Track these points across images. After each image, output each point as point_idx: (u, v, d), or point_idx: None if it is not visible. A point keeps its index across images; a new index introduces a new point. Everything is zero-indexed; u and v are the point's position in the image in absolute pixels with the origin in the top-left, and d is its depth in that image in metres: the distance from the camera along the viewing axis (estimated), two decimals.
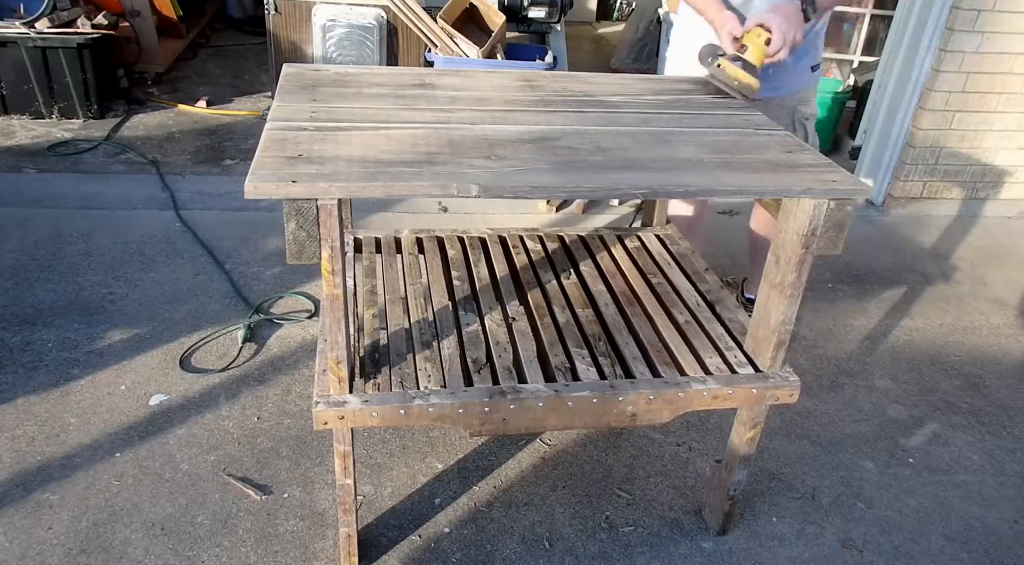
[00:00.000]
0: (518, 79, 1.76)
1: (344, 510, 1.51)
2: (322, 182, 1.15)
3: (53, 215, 2.84)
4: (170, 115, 3.93)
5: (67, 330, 2.25)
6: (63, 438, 1.89)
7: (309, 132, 1.33)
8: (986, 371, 2.43)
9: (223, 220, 2.90)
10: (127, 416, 1.97)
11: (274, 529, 1.70)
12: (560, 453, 1.98)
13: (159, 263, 2.61)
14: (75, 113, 3.71)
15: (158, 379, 2.10)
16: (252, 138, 3.67)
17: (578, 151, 1.38)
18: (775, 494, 1.88)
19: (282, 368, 2.18)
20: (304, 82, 1.59)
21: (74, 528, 1.67)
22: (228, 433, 1.95)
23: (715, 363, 1.54)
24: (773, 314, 1.46)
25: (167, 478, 1.81)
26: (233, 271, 2.60)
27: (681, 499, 1.87)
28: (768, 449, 1.98)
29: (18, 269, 2.51)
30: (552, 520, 1.79)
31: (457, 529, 1.75)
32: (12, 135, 3.51)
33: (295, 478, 1.83)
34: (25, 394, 2.01)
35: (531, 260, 1.85)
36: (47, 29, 3.51)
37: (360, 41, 3.76)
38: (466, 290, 1.71)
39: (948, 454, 2.09)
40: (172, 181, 3.21)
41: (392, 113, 1.47)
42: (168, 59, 4.35)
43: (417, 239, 1.90)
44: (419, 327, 1.58)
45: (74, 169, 3.28)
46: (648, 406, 1.45)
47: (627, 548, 1.73)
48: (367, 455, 1.91)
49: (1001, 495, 1.96)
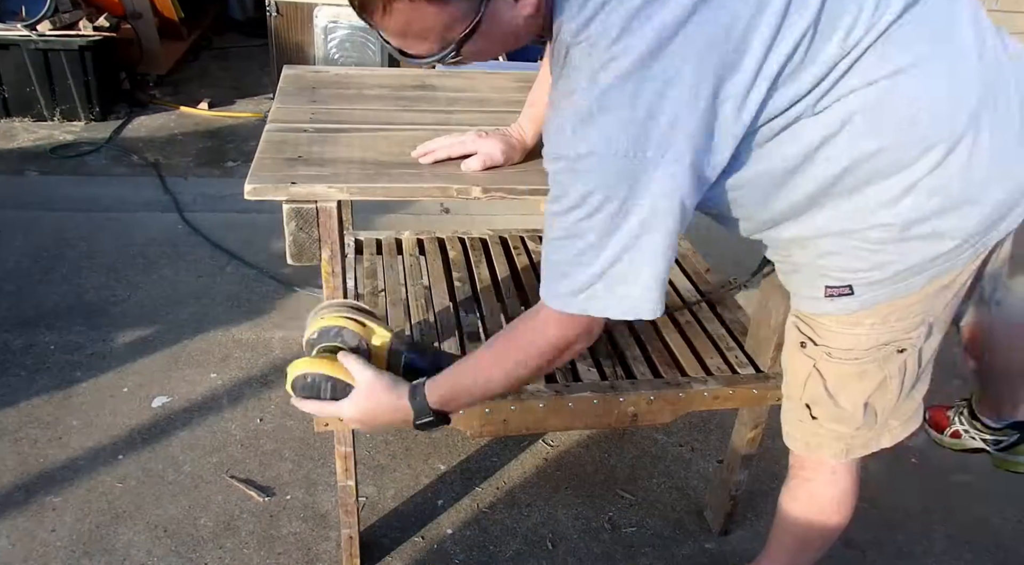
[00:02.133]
0: (519, 80, 1.76)
1: (346, 512, 1.51)
2: (322, 184, 1.15)
3: (55, 217, 2.84)
4: (172, 117, 3.93)
5: (70, 333, 2.25)
6: (66, 440, 1.89)
7: (309, 134, 1.33)
8: None
9: (225, 222, 2.90)
10: (130, 418, 1.97)
11: (277, 531, 1.70)
12: (562, 454, 1.97)
13: (161, 265, 2.62)
14: (77, 115, 3.71)
15: (161, 381, 2.10)
16: (254, 140, 3.66)
17: None
18: (777, 494, 1.86)
19: (284, 369, 2.17)
20: (304, 84, 1.59)
21: (77, 530, 1.67)
22: (231, 435, 1.95)
23: (716, 363, 1.54)
24: (774, 314, 1.46)
25: (170, 480, 1.81)
26: (235, 273, 2.60)
27: (683, 500, 1.87)
28: (770, 449, 1.97)
29: (20, 272, 2.51)
30: (555, 521, 1.79)
31: (460, 530, 1.75)
32: (14, 137, 3.52)
33: (298, 480, 1.84)
34: (28, 397, 2.01)
35: (532, 261, 1.85)
36: (49, 31, 3.51)
37: (362, 42, 3.76)
38: (467, 291, 1.71)
39: (951, 454, 2.08)
40: (174, 183, 3.21)
41: (392, 115, 1.47)
42: (170, 61, 4.35)
43: (418, 240, 1.90)
44: (420, 328, 1.58)
45: (76, 171, 3.28)
46: (649, 406, 1.45)
47: (630, 549, 1.73)
48: (369, 457, 1.91)
49: (1005, 495, 1.95)
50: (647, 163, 0.91)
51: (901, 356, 1.15)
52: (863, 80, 0.94)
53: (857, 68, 0.93)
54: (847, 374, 1.18)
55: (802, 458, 1.33)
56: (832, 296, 1.11)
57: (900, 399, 1.20)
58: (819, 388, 1.21)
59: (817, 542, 1.41)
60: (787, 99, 0.94)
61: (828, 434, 1.25)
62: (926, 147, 0.97)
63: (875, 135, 0.97)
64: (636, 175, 0.92)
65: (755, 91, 0.92)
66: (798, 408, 1.27)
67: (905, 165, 0.98)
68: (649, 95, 0.89)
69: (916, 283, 1.07)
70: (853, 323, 1.13)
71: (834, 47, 0.92)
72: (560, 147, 0.95)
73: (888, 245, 1.04)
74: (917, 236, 1.02)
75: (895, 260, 1.05)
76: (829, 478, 1.32)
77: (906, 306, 1.10)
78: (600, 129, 0.91)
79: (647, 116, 0.90)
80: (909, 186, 0.99)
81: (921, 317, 1.12)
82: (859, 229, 1.04)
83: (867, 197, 1.01)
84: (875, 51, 0.93)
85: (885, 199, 1.00)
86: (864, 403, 1.19)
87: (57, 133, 3.60)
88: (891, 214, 1.01)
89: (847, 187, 1.01)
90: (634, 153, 0.91)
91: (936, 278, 1.08)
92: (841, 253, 1.07)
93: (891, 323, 1.11)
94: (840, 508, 1.35)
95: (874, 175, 0.99)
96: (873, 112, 0.95)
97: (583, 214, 0.95)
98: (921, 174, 0.98)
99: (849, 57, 0.93)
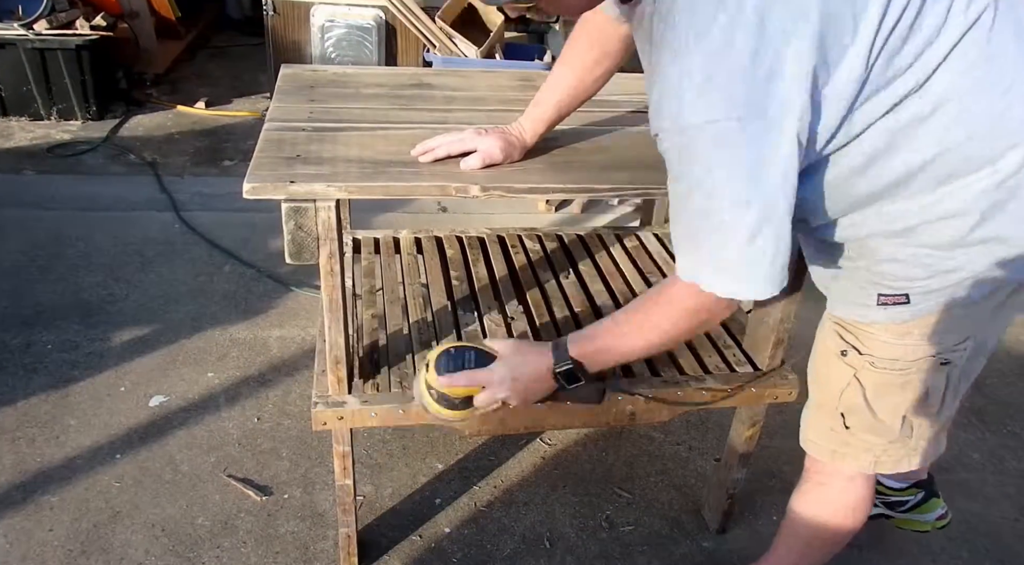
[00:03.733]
0: (516, 79, 1.76)
1: (344, 510, 1.51)
2: (320, 183, 1.15)
3: (52, 217, 2.84)
4: (169, 116, 3.93)
5: (67, 332, 2.25)
6: (63, 440, 1.89)
7: (307, 132, 1.33)
8: (986, 369, 2.41)
9: (223, 221, 2.90)
10: (127, 417, 1.97)
11: (274, 530, 1.70)
12: (560, 452, 1.98)
13: (158, 264, 2.61)
14: (74, 114, 3.70)
15: (158, 380, 2.10)
16: (251, 139, 3.66)
17: (577, 151, 1.38)
18: (775, 492, 1.87)
19: (282, 369, 2.18)
20: (302, 83, 1.59)
21: (74, 530, 1.67)
22: (228, 434, 1.95)
23: (714, 361, 1.54)
24: (772, 312, 1.46)
25: (167, 479, 1.81)
26: (233, 272, 2.59)
27: (681, 498, 1.87)
28: (768, 447, 1.97)
29: (18, 271, 2.51)
30: (552, 519, 1.79)
31: (458, 529, 1.75)
32: (11, 137, 3.51)
33: (295, 479, 1.83)
34: (25, 396, 2.01)
35: (530, 260, 1.85)
36: (45, 31, 3.50)
37: (359, 42, 3.76)
38: (465, 290, 1.71)
39: (948, 452, 2.07)
40: (171, 182, 3.21)
41: (390, 113, 1.47)
42: (167, 60, 4.34)
43: (416, 239, 1.90)
44: (418, 327, 1.58)
45: (73, 171, 3.28)
46: (647, 405, 1.45)
47: (627, 547, 1.73)
48: (367, 455, 1.91)
49: (1002, 493, 1.96)
50: (772, 123, 0.87)
51: (944, 369, 1.12)
52: (962, 63, 0.91)
53: (959, 47, 0.91)
54: (889, 384, 1.15)
55: (820, 463, 1.30)
56: (886, 305, 1.07)
57: (937, 414, 1.18)
58: (858, 398, 1.18)
59: (826, 547, 1.39)
60: (896, 68, 0.90)
61: (859, 445, 1.22)
62: (1012, 144, 0.94)
63: (966, 123, 0.93)
64: (761, 138, 0.87)
65: (872, 53, 0.88)
66: (831, 417, 1.23)
67: (988, 161, 0.95)
68: (769, 53, 0.85)
69: (973, 296, 1.04)
70: (903, 333, 1.09)
71: (938, 15, 0.89)
72: (677, 118, 0.89)
73: (954, 250, 1.00)
74: (982, 239, 0.99)
75: (957, 267, 1.02)
76: (845, 485, 1.30)
77: (957, 318, 1.07)
78: (720, 93, 0.86)
79: (768, 75, 0.85)
80: (991, 185, 0.96)
81: (969, 333, 1.09)
82: (929, 221, 1.00)
83: (946, 190, 0.98)
84: (974, 32, 0.91)
85: (964, 195, 0.97)
86: (903, 415, 1.17)
87: (54, 132, 3.60)
88: (969, 206, 0.97)
89: (931, 177, 0.97)
90: (757, 114, 0.86)
91: (992, 294, 1.05)
92: (900, 259, 1.04)
93: (940, 334, 1.08)
94: (855, 514, 1.33)
95: (958, 168, 0.96)
96: (969, 99, 0.92)
97: (711, 187, 0.91)
98: (1004, 174, 0.95)
99: (952, 31, 0.90)
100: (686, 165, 0.92)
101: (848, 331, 1.16)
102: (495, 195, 1.22)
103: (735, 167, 0.89)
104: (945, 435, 1.25)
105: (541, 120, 1.32)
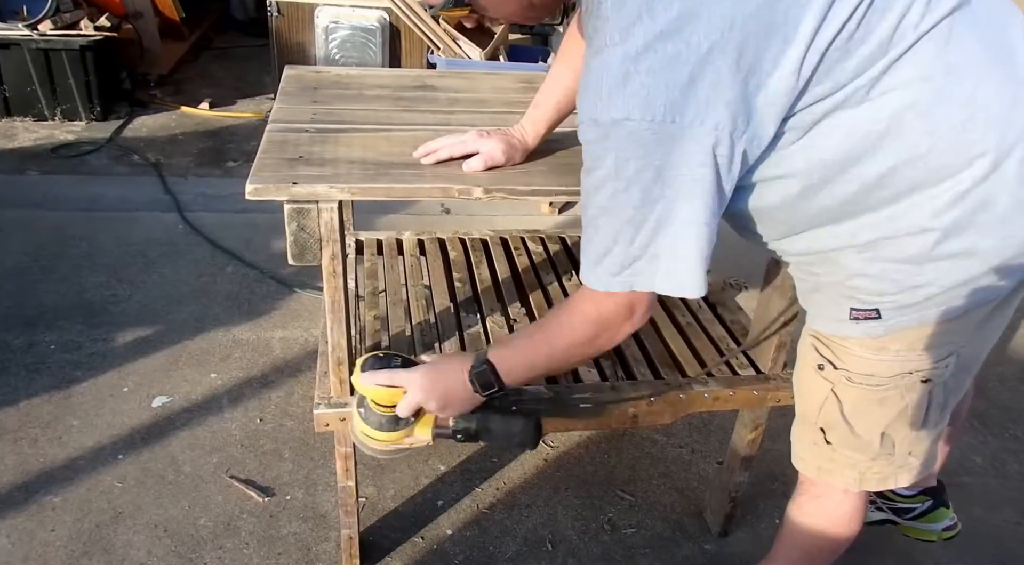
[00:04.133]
0: (519, 81, 1.76)
1: (346, 512, 1.51)
2: (323, 184, 1.15)
3: (56, 217, 2.84)
4: (173, 117, 3.93)
5: (70, 332, 2.25)
6: (66, 440, 1.89)
7: (310, 134, 1.34)
8: (988, 373, 2.43)
9: (226, 222, 2.90)
10: (130, 418, 1.97)
11: (277, 531, 1.70)
12: (562, 455, 1.97)
13: (162, 265, 2.62)
14: (78, 115, 3.71)
15: (161, 381, 2.10)
16: (254, 140, 3.66)
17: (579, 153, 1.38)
18: (777, 496, 1.87)
19: (284, 370, 2.18)
20: (305, 84, 1.59)
21: (77, 530, 1.67)
22: (231, 435, 1.95)
23: (717, 364, 1.54)
24: (775, 315, 1.46)
25: (170, 480, 1.81)
26: (236, 273, 2.60)
27: (683, 501, 1.87)
28: (770, 451, 1.97)
29: (21, 271, 2.51)
30: (555, 522, 1.79)
31: (460, 531, 1.75)
32: (15, 137, 3.52)
33: (298, 480, 1.84)
34: (28, 396, 2.01)
35: (533, 262, 1.85)
36: (50, 31, 3.51)
37: (363, 43, 3.76)
38: (468, 292, 1.71)
39: (950, 456, 2.08)
40: (174, 183, 3.21)
41: (393, 115, 1.47)
42: (171, 61, 4.35)
43: (419, 241, 1.90)
44: (421, 329, 1.58)
45: (77, 171, 3.28)
46: (649, 408, 1.45)
47: (629, 550, 1.73)
48: (369, 457, 1.91)
49: (1004, 497, 1.95)
50: (685, 130, 0.86)
51: (925, 386, 1.10)
52: (916, 73, 0.89)
53: (910, 57, 0.88)
54: (866, 400, 1.13)
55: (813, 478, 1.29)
56: (857, 319, 1.06)
57: (919, 432, 1.15)
58: (835, 413, 1.16)
59: (824, 555, 1.38)
60: (836, 80, 0.88)
61: (843, 461, 1.20)
62: (977, 153, 0.92)
63: (926, 134, 0.91)
64: (673, 142, 0.87)
65: (805, 64, 0.86)
66: (812, 431, 1.22)
67: (951, 173, 0.93)
68: (691, 58, 0.84)
69: (950, 312, 1.02)
70: (878, 348, 1.07)
71: (887, 27, 0.87)
72: (593, 111, 0.90)
73: (923, 265, 0.98)
74: (950, 254, 0.97)
75: (926, 283, 1.00)
76: (841, 497, 1.28)
77: (936, 335, 1.04)
78: (636, 93, 0.86)
79: (688, 81, 0.85)
80: (956, 196, 0.93)
81: (950, 349, 1.07)
82: (893, 237, 0.98)
83: (907, 204, 0.95)
84: (928, 42, 0.88)
85: (928, 208, 0.95)
86: (881, 432, 1.15)
87: (58, 133, 3.60)
88: (932, 221, 0.95)
89: (890, 192, 0.95)
90: (672, 119, 0.86)
91: (974, 309, 1.02)
92: (870, 274, 1.02)
93: (918, 351, 1.06)
94: (851, 523, 1.31)
95: (919, 181, 0.93)
96: (926, 109, 0.90)
97: (620, 186, 0.91)
98: (968, 184, 0.93)
99: (904, 41, 0.88)
100: (599, 159, 0.93)
101: (824, 345, 1.15)
102: (498, 197, 1.22)
103: (645, 168, 0.89)
104: (938, 450, 1.22)
105: (542, 121, 1.32)
